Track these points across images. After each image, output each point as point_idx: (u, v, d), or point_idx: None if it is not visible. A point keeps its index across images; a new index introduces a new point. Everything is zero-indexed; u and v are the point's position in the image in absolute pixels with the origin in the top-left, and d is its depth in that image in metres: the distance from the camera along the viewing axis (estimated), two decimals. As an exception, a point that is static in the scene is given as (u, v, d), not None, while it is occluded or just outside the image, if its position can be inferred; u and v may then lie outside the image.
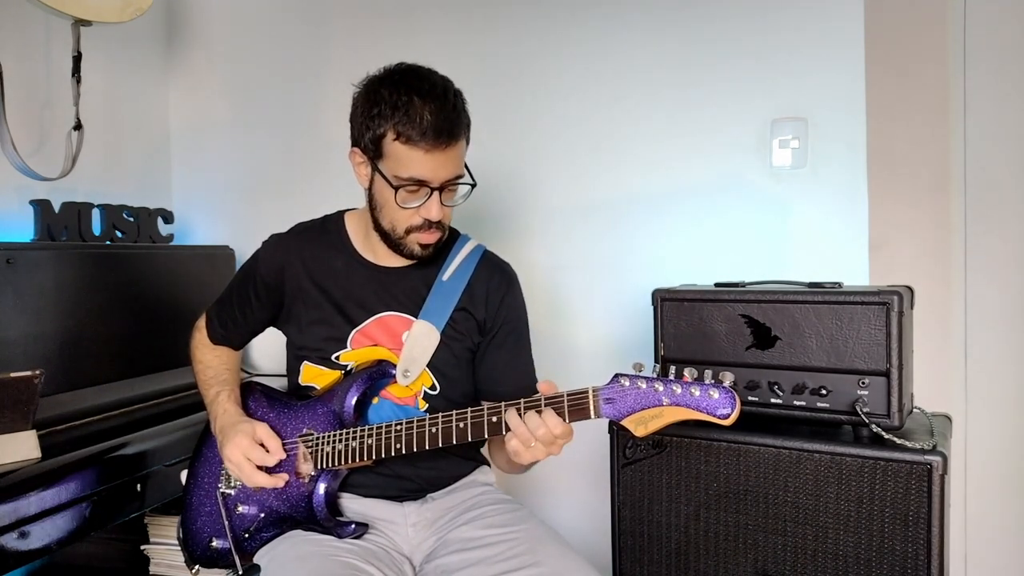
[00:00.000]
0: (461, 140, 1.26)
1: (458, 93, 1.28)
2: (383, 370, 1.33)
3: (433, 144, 1.21)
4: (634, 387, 1.07)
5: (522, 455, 1.16)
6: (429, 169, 1.23)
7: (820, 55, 1.82)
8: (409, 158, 1.23)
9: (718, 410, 1.02)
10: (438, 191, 1.26)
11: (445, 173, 1.25)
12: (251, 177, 2.52)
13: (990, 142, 1.78)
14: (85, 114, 2.06)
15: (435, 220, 1.28)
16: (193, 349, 1.52)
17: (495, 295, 1.42)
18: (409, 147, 1.22)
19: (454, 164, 1.26)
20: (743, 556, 1.42)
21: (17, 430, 1.44)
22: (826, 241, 1.84)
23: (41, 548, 1.44)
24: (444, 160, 1.23)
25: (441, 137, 1.21)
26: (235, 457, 1.27)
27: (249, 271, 1.45)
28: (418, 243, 1.31)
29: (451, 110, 1.23)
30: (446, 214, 1.30)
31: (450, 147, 1.23)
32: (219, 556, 1.36)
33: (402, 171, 1.24)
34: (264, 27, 2.49)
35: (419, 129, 1.20)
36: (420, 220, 1.28)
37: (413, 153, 1.22)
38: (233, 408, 1.36)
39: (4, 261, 1.64)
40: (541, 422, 1.12)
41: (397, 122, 1.21)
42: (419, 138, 1.20)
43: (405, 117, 1.21)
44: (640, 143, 2.01)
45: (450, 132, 1.22)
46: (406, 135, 1.21)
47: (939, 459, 1.25)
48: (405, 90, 1.22)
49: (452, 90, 1.27)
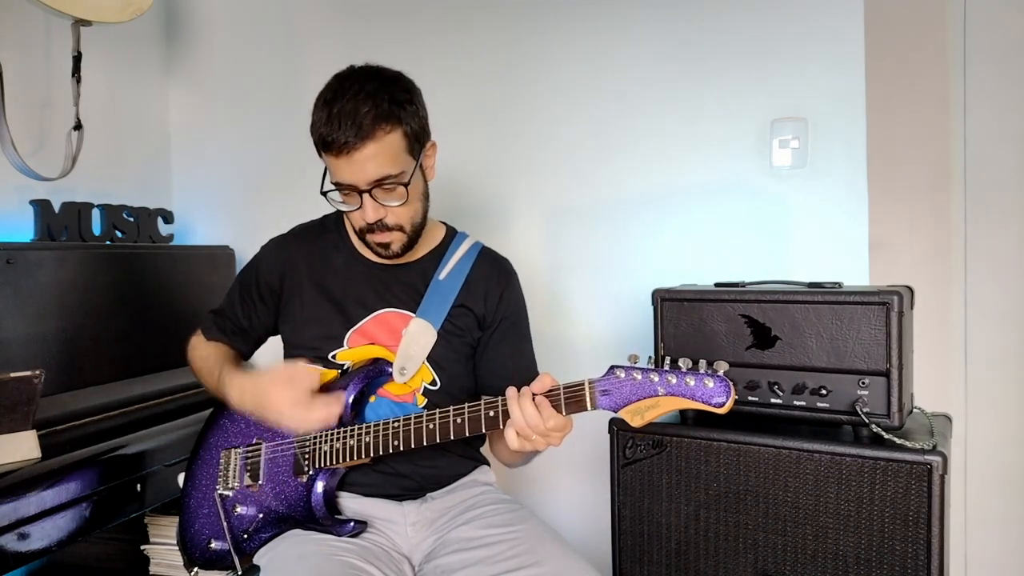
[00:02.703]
0: (378, 138, 1.21)
1: (383, 89, 1.22)
2: (380, 368, 1.33)
3: (342, 146, 1.20)
4: (629, 378, 1.08)
5: (521, 445, 1.15)
6: (348, 173, 1.23)
7: (820, 55, 1.82)
8: (332, 164, 1.25)
9: (713, 399, 1.03)
10: (367, 193, 1.24)
11: (365, 175, 1.23)
12: (251, 177, 2.52)
13: (990, 142, 1.78)
14: (85, 114, 2.06)
15: (371, 222, 1.27)
16: (191, 352, 1.49)
17: (494, 290, 1.42)
18: (327, 153, 1.24)
19: (375, 164, 1.22)
20: (743, 556, 1.42)
21: (17, 430, 1.44)
22: (826, 241, 1.84)
23: (41, 548, 1.44)
24: (359, 161, 1.21)
25: (347, 139, 1.19)
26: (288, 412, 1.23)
27: (250, 275, 1.45)
28: (375, 243, 1.32)
29: (363, 108, 1.19)
30: (392, 214, 1.28)
31: (363, 147, 1.20)
32: (218, 557, 1.35)
33: (332, 176, 1.27)
34: (264, 27, 2.49)
35: (329, 133, 1.21)
36: (363, 222, 1.28)
37: (329, 158, 1.24)
38: (240, 376, 1.32)
39: (4, 261, 1.64)
40: (536, 413, 1.12)
41: (317, 131, 1.23)
42: (331, 142, 1.21)
43: (320, 123, 1.22)
44: (640, 143, 2.01)
45: (357, 133, 1.19)
46: (323, 143, 1.23)
47: (939, 459, 1.25)
48: (326, 98, 1.23)
49: (372, 88, 1.22)
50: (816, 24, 1.82)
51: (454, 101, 2.12)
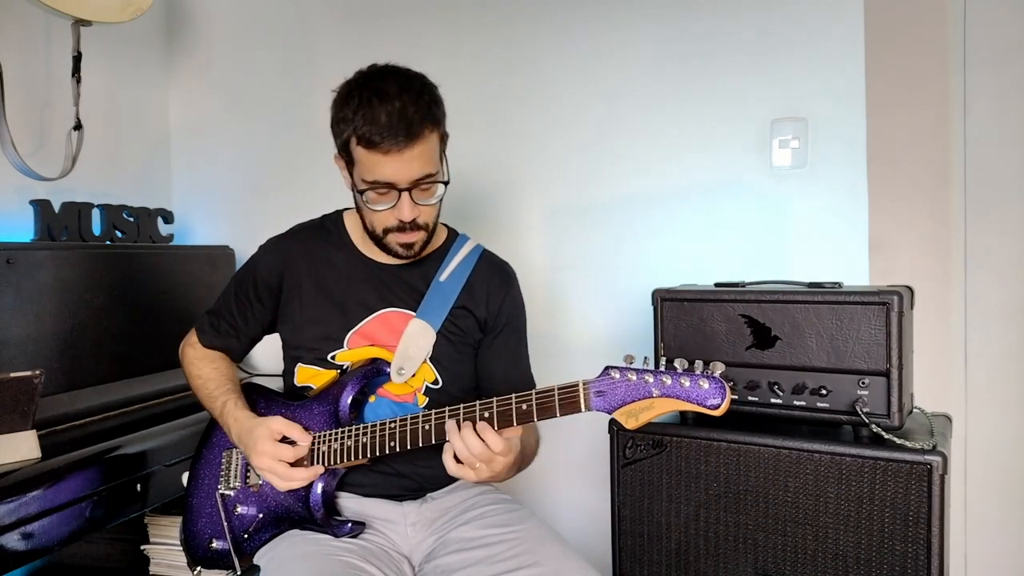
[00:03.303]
0: (426, 137, 1.22)
1: (424, 90, 1.25)
2: (378, 368, 1.33)
3: (391, 145, 1.20)
4: (624, 379, 1.07)
5: (461, 472, 1.16)
6: (392, 171, 1.22)
7: (820, 55, 1.82)
8: (372, 161, 1.22)
9: (708, 400, 1.02)
10: (407, 191, 1.24)
11: (410, 173, 1.23)
12: (251, 177, 2.52)
13: (990, 142, 1.78)
14: (85, 114, 2.06)
15: (407, 220, 1.27)
16: (187, 366, 1.48)
17: (496, 294, 1.42)
18: (370, 151, 1.21)
19: (420, 163, 1.23)
20: (743, 556, 1.42)
21: (17, 430, 1.44)
22: (826, 241, 1.84)
23: (41, 548, 1.44)
24: (407, 160, 1.22)
25: (399, 138, 1.19)
26: (265, 464, 1.24)
27: (247, 275, 1.44)
28: (398, 243, 1.31)
29: (411, 109, 1.20)
30: (423, 213, 1.28)
31: (410, 147, 1.21)
32: (219, 557, 1.36)
33: (368, 174, 1.24)
34: (264, 27, 2.49)
35: (377, 132, 1.19)
36: (395, 221, 1.27)
37: (374, 156, 1.22)
38: (243, 414, 1.32)
39: (4, 261, 1.64)
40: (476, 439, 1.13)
41: (357, 126, 1.21)
42: (379, 140, 1.20)
43: (363, 121, 1.20)
44: (640, 143, 2.01)
45: (408, 132, 1.20)
46: (366, 139, 1.21)
47: (939, 459, 1.25)
48: (366, 94, 1.22)
49: (415, 88, 1.23)
50: (816, 24, 1.82)
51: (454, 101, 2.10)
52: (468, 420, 1.16)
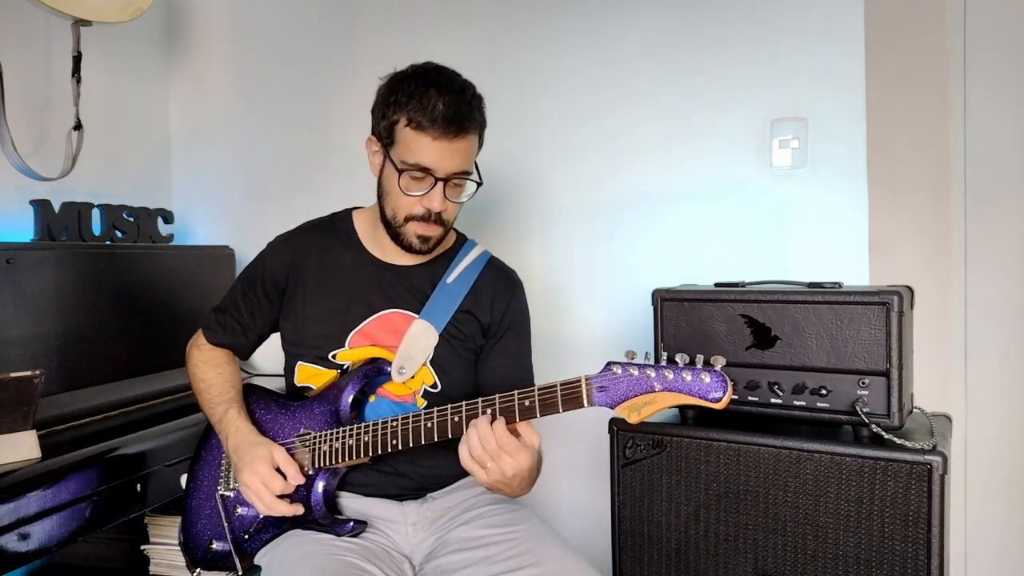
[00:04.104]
0: (471, 136, 1.28)
1: (476, 95, 1.31)
2: (379, 367, 1.33)
3: (442, 132, 1.23)
4: (626, 374, 1.07)
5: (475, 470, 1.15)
6: (435, 157, 1.25)
7: (820, 55, 1.82)
8: (417, 143, 1.25)
9: (710, 394, 1.03)
10: (443, 182, 1.27)
11: (451, 165, 1.27)
12: (251, 177, 2.52)
13: (990, 142, 1.78)
14: (85, 114, 2.06)
15: (436, 210, 1.29)
16: (192, 368, 1.47)
17: (501, 299, 1.43)
18: (418, 133, 1.25)
19: (462, 157, 1.28)
20: (743, 556, 1.42)
21: (17, 430, 1.44)
22: (826, 241, 1.84)
23: (41, 548, 1.44)
24: (451, 151, 1.25)
25: (451, 126, 1.23)
26: (253, 484, 1.24)
27: (255, 271, 1.44)
28: (415, 234, 1.32)
29: (465, 105, 1.26)
30: (449, 209, 1.31)
31: (458, 139, 1.25)
32: (220, 558, 1.35)
33: (409, 156, 1.27)
34: (264, 27, 2.49)
35: (429, 116, 1.23)
36: (422, 209, 1.29)
37: (421, 139, 1.25)
38: (246, 426, 1.32)
39: (4, 261, 1.64)
40: (489, 431, 1.13)
41: (410, 109, 1.25)
42: (429, 124, 1.23)
43: (418, 105, 1.24)
44: (640, 143, 2.01)
45: (460, 124, 1.24)
46: (416, 121, 1.24)
47: (939, 459, 1.25)
48: (424, 82, 1.26)
49: (471, 90, 1.30)
50: (816, 24, 1.82)
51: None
52: (471, 416, 1.17)
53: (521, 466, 1.14)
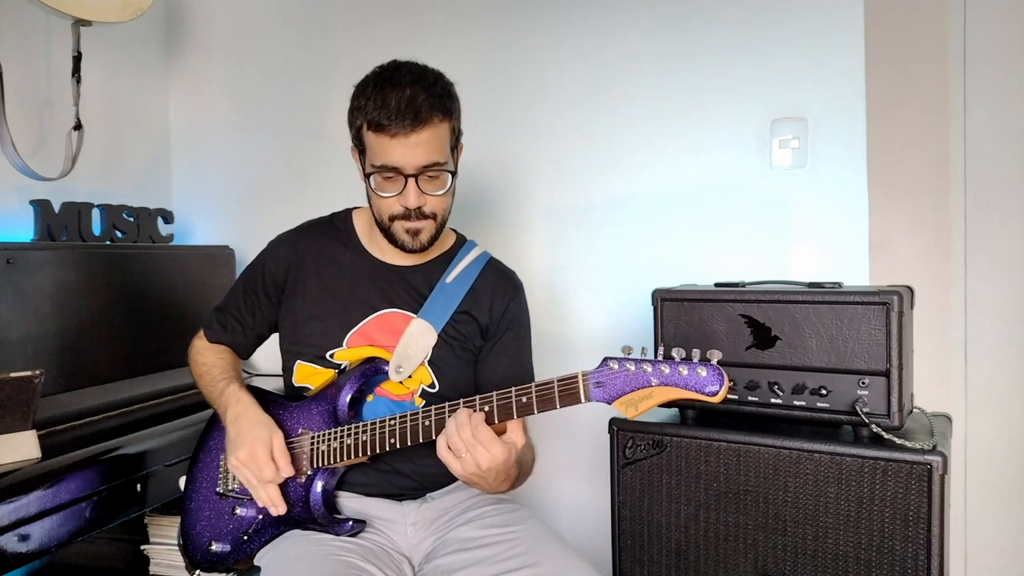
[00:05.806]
0: (433, 125, 1.25)
1: (437, 82, 1.28)
2: (376, 367, 1.33)
3: (399, 127, 1.22)
4: (623, 369, 1.08)
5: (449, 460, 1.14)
6: (398, 155, 1.24)
7: (820, 55, 1.82)
8: (380, 144, 1.25)
9: (706, 387, 1.03)
10: (413, 178, 1.26)
11: (416, 159, 1.25)
12: (251, 177, 2.52)
13: (990, 142, 1.78)
14: (85, 114, 2.07)
15: (414, 207, 1.28)
16: (193, 356, 1.47)
17: (500, 300, 1.42)
18: (379, 134, 1.24)
19: (425, 149, 1.25)
20: (743, 556, 1.42)
21: (17, 430, 1.44)
22: (826, 241, 1.84)
23: (41, 548, 1.44)
24: (413, 144, 1.24)
25: (405, 120, 1.22)
26: (248, 462, 1.24)
27: (255, 271, 1.45)
28: (404, 231, 1.32)
29: (421, 96, 1.23)
30: (430, 202, 1.30)
31: (417, 131, 1.23)
32: (219, 559, 1.35)
33: (375, 159, 1.27)
34: (264, 27, 2.49)
35: (385, 114, 1.22)
36: (401, 208, 1.29)
37: (382, 139, 1.24)
38: (248, 399, 1.31)
39: (4, 261, 1.64)
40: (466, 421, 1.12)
41: (368, 111, 1.24)
42: (386, 123, 1.22)
43: (374, 105, 1.23)
44: (640, 143, 2.01)
45: (415, 115, 1.22)
46: (375, 122, 1.24)
47: (939, 459, 1.25)
48: (380, 82, 1.25)
49: (428, 79, 1.26)
50: (816, 24, 1.82)
51: (454, 101, 2.13)
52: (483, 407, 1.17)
53: (496, 459, 1.12)
